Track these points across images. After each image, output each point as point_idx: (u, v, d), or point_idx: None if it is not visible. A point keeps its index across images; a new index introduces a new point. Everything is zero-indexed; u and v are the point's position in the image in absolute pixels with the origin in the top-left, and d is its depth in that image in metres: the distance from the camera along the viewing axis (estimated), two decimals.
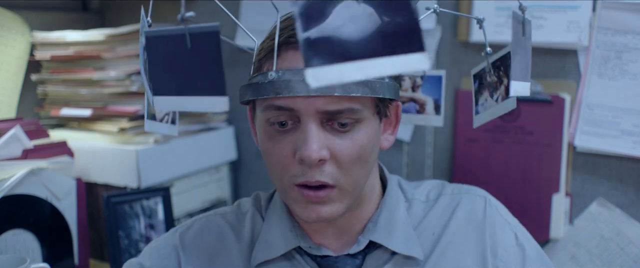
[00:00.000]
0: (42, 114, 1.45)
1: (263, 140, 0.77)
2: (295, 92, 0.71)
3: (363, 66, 0.51)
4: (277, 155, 0.75)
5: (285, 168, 0.75)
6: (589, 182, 1.18)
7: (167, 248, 0.88)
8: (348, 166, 0.75)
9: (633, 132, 1.12)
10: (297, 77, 0.71)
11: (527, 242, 0.89)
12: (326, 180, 0.74)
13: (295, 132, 0.74)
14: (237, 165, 1.55)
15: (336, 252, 0.83)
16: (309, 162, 0.72)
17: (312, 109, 0.72)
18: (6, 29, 1.37)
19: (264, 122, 0.76)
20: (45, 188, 1.18)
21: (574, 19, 1.14)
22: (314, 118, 0.72)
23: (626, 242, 1.15)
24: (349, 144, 0.74)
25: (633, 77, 1.11)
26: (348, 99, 0.73)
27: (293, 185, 0.75)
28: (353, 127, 0.75)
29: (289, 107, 0.72)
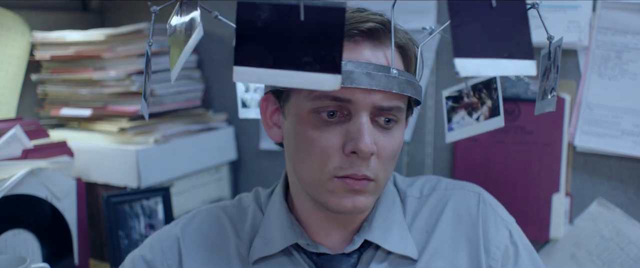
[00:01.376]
0: (42, 114, 1.45)
1: (303, 130, 0.76)
2: (358, 84, 0.71)
3: (496, 64, 0.55)
4: (323, 145, 0.74)
5: (329, 159, 0.74)
6: (589, 182, 1.18)
7: (169, 240, 0.88)
8: (387, 162, 0.76)
9: (633, 132, 1.12)
10: (360, 69, 0.72)
11: (521, 240, 0.88)
12: (369, 175, 0.74)
13: (345, 123, 0.74)
14: (237, 165, 1.55)
15: (333, 250, 0.84)
16: (363, 155, 0.72)
17: (370, 102, 0.73)
18: (6, 29, 1.37)
19: (309, 111, 0.75)
20: (45, 188, 1.18)
21: (574, 18, 1.14)
22: (368, 112, 0.73)
23: (626, 242, 1.15)
24: (390, 141, 0.76)
25: (633, 77, 1.11)
26: (399, 97, 0.75)
27: (333, 177, 0.75)
28: (394, 125, 0.77)
29: (347, 98, 0.72)
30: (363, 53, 0.74)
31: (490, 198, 0.91)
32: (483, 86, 0.90)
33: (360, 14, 0.76)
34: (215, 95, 1.54)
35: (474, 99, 0.91)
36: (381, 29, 0.75)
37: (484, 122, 0.89)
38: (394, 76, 0.73)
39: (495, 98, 0.88)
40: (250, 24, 0.54)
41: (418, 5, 1.27)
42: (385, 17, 0.77)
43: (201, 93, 1.50)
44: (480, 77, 0.90)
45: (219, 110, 1.54)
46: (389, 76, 0.73)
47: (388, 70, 0.73)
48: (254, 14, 0.54)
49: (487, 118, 0.89)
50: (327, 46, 0.54)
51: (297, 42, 0.54)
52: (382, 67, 0.73)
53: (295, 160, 0.78)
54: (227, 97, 1.53)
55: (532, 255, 0.88)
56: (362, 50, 0.74)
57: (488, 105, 0.89)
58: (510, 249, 0.86)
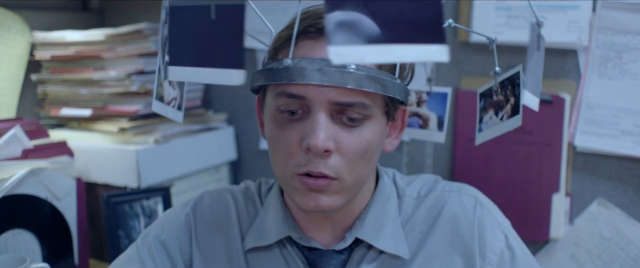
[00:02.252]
0: (42, 114, 1.45)
1: (271, 128, 0.78)
2: (309, 80, 0.71)
3: (385, 50, 0.52)
4: (284, 143, 0.75)
5: (290, 157, 0.75)
6: (589, 182, 1.18)
7: (180, 220, 0.91)
8: (352, 161, 0.75)
9: (633, 132, 1.12)
10: (313, 65, 0.72)
11: (518, 244, 0.87)
12: (328, 173, 0.74)
13: (304, 121, 0.74)
14: (237, 165, 1.55)
15: (325, 246, 0.84)
16: (315, 151, 0.72)
17: (324, 98, 0.72)
18: (6, 29, 1.37)
19: (274, 109, 0.76)
20: (45, 188, 1.18)
21: (574, 18, 1.14)
22: (325, 108, 0.73)
23: (626, 242, 1.15)
24: (356, 139, 0.75)
25: (633, 77, 1.11)
26: (360, 93, 0.73)
27: (295, 174, 0.75)
28: (361, 123, 0.75)
29: (301, 95, 0.73)
30: (321, 50, 0.74)
31: (487, 201, 0.90)
32: (508, 82, 0.85)
33: (321, 11, 0.75)
34: (215, 95, 1.54)
35: (500, 97, 0.86)
36: None
37: (504, 122, 0.85)
38: (351, 71, 0.71)
39: (517, 95, 0.83)
40: (179, 26, 0.59)
41: None
42: None
43: (201, 93, 1.50)
44: (507, 72, 0.85)
45: (219, 110, 1.54)
46: (344, 71, 0.71)
47: (344, 65, 0.72)
48: (181, 16, 0.59)
49: (510, 117, 0.84)
50: (231, 42, 0.58)
51: (210, 40, 0.58)
52: None
53: (270, 157, 0.81)
54: (227, 97, 1.53)
55: (529, 258, 0.88)
56: (320, 47, 0.74)
57: (511, 102, 0.84)
58: (506, 253, 0.85)
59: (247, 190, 0.94)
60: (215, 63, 0.58)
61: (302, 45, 0.75)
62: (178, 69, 0.59)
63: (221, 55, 0.58)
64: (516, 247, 0.87)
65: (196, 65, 0.59)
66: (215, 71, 0.58)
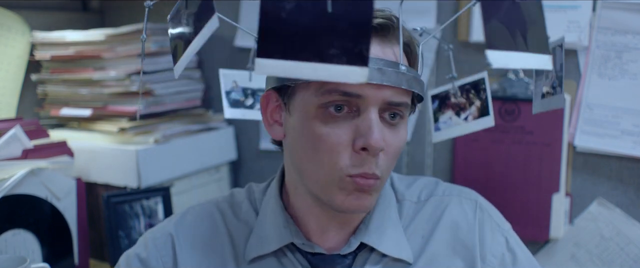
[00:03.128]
0: (42, 114, 1.45)
1: (311, 126, 0.74)
2: (369, 79, 0.70)
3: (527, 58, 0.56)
4: (332, 141, 0.73)
5: (338, 156, 0.73)
6: (589, 182, 1.18)
7: (163, 237, 0.88)
8: (392, 159, 0.76)
9: (633, 132, 1.12)
10: (372, 64, 0.71)
11: (519, 247, 0.87)
12: (378, 172, 0.74)
13: (353, 119, 0.73)
14: (237, 165, 1.55)
15: (329, 250, 0.83)
16: (373, 151, 0.72)
17: (381, 98, 0.72)
18: (6, 29, 1.37)
19: (317, 106, 0.74)
20: (45, 188, 1.18)
21: (574, 18, 1.13)
22: (377, 108, 0.73)
23: (626, 242, 1.15)
24: (397, 138, 0.76)
25: (633, 77, 1.11)
26: (406, 93, 0.75)
27: (345, 175, 0.74)
28: (399, 121, 0.77)
29: (357, 93, 0.72)
30: (372, 49, 0.73)
31: (487, 205, 0.90)
32: (471, 87, 0.91)
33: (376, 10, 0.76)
34: (215, 95, 1.54)
35: (461, 100, 0.92)
36: (389, 25, 0.75)
37: (473, 121, 0.91)
38: (403, 72, 0.73)
39: (484, 98, 0.89)
40: (275, 15, 0.52)
41: (418, 5, 1.27)
42: (392, 14, 0.77)
43: (201, 93, 1.50)
44: (469, 78, 0.92)
45: (219, 110, 1.54)
46: (399, 72, 0.73)
47: (397, 66, 0.73)
48: (278, 4, 0.52)
49: (476, 118, 0.90)
50: (355, 38, 0.52)
51: (324, 34, 0.53)
52: (391, 63, 0.73)
53: (301, 158, 0.77)
54: None
55: (531, 261, 0.87)
56: (371, 47, 0.74)
57: (477, 105, 0.90)
58: (507, 256, 0.85)
59: (233, 198, 0.91)
60: (330, 58, 0.53)
61: None
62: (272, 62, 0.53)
63: (339, 50, 0.53)
64: (518, 249, 0.87)
65: (301, 59, 0.53)
66: (331, 67, 0.53)
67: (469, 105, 0.91)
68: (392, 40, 0.76)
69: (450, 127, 0.93)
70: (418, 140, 1.32)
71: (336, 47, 0.52)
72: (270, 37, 0.52)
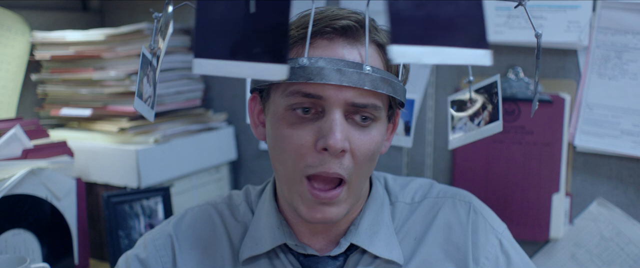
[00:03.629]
0: (42, 114, 1.45)
1: (278, 127, 0.76)
2: (328, 80, 0.71)
3: (437, 52, 0.54)
4: (295, 142, 0.74)
5: (301, 157, 0.74)
6: (589, 182, 1.18)
7: (162, 238, 0.88)
8: (361, 161, 0.75)
9: (633, 132, 1.12)
10: (331, 65, 0.72)
11: (513, 249, 0.87)
12: (342, 173, 0.74)
13: (318, 120, 0.74)
14: (237, 165, 1.55)
15: (320, 252, 0.84)
16: (333, 151, 0.72)
17: (342, 99, 0.72)
18: (6, 29, 1.37)
19: (284, 108, 0.75)
20: (45, 188, 1.18)
21: (574, 18, 1.13)
22: (341, 108, 0.73)
23: (626, 241, 1.15)
24: (366, 139, 0.75)
25: (633, 77, 1.11)
26: (374, 94, 0.74)
27: (304, 177, 0.74)
28: (371, 124, 0.76)
29: (318, 94, 0.72)
30: (337, 50, 0.74)
31: (482, 206, 0.90)
32: (484, 90, 0.89)
33: (338, 12, 0.76)
34: (215, 95, 1.54)
35: (476, 104, 0.91)
36: (355, 27, 0.75)
37: (484, 127, 0.89)
38: (367, 73, 0.72)
39: (495, 102, 0.87)
40: (208, 17, 0.56)
41: None
42: (362, 16, 0.76)
43: (201, 93, 1.50)
44: (484, 81, 0.89)
45: (219, 110, 1.54)
46: (361, 73, 0.72)
47: (361, 67, 0.72)
48: (211, 7, 0.56)
49: (487, 123, 0.88)
50: (274, 37, 0.56)
51: (248, 34, 0.56)
52: (354, 64, 0.73)
53: (273, 158, 0.79)
54: (227, 97, 1.53)
55: (526, 262, 0.87)
56: (336, 48, 0.74)
57: (488, 109, 0.88)
58: (501, 259, 0.85)
59: (231, 200, 0.92)
60: (254, 57, 0.56)
61: (316, 45, 0.74)
62: (206, 62, 0.56)
63: (261, 49, 0.56)
64: (512, 252, 0.86)
65: (231, 58, 0.56)
66: (254, 65, 0.56)
67: (482, 110, 0.89)
68: (362, 42, 0.75)
69: (465, 132, 0.92)
70: (418, 140, 1.32)
71: (259, 46, 0.56)
72: (205, 37, 0.56)
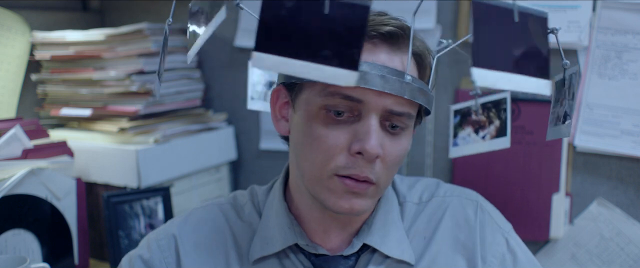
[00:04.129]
0: (42, 114, 1.45)
1: (312, 125, 0.75)
2: (371, 85, 0.71)
3: (511, 79, 0.56)
4: (329, 142, 0.74)
5: (332, 157, 0.74)
6: (589, 182, 1.18)
7: (166, 238, 0.88)
8: (390, 167, 0.76)
9: (633, 132, 1.12)
10: (375, 71, 0.72)
11: (519, 248, 0.88)
12: (372, 178, 0.74)
13: (353, 123, 0.74)
14: (237, 165, 1.55)
15: (332, 251, 0.84)
16: (368, 157, 0.72)
17: (381, 105, 0.73)
18: (6, 29, 1.37)
19: (319, 107, 0.75)
20: (45, 188, 1.18)
21: (574, 18, 1.14)
22: (378, 114, 0.73)
23: (626, 241, 1.15)
24: (397, 147, 0.76)
25: (633, 77, 1.11)
26: (410, 104, 0.75)
27: (334, 175, 0.75)
28: (402, 132, 0.77)
29: (358, 98, 0.72)
30: (379, 56, 0.74)
31: (488, 205, 0.90)
32: (493, 105, 0.90)
33: (380, 17, 0.76)
34: (215, 95, 1.54)
35: (482, 117, 0.91)
36: (400, 34, 0.75)
37: (490, 141, 0.89)
38: (408, 82, 0.73)
39: (503, 118, 0.88)
40: (274, 12, 0.54)
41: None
42: (404, 23, 0.77)
43: (201, 93, 1.50)
44: (492, 96, 0.90)
45: (219, 110, 1.54)
46: (403, 81, 0.73)
47: (402, 75, 0.73)
48: (279, 2, 0.54)
49: (494, 137, 0.89)
50: (348, 41, 0.54)
51: (319, 35, 0.54)
52: (396, 72, 0.73)
53: (300, 155, 0.78)
54: (227, 97, 1.53)
55: (532, 262, 0.88)
56: (379, 53, 0.74)
57: (496, 124, 0.89)
58: (508, 257, 0.86)
59: (236, 200, 0.92)
60: (323, 59, 0.54)
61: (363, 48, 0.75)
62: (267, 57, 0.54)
63: (332, 52, 0.54)
64: (518, 250, 0.87)
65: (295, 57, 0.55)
66: (323, 68, 0.54)
67: (488, 124, 0.90)
68: (402, 49, 0.76)
69: (468, 144, 0.92)
70: (418, 140, 1.32)
71: (329, 49, 0.54)
72: (269, 32, 0.54)
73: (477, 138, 0.91)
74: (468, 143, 0.92)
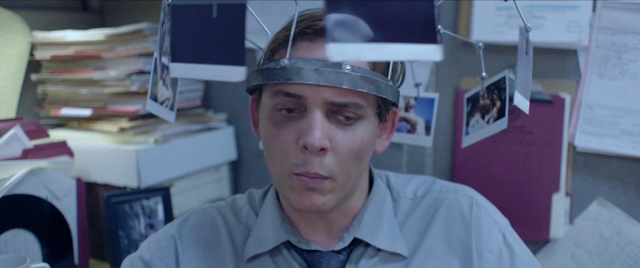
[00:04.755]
0: (42, 114, 1.45)
1: (267, 126, 0.78)
2: (306, 80, 0.72)
3: (380, 49, 0.55)
4: (280, 141, 0.76)
5: (286, 156, 0.76)
6: (589, 182, 1.18)
7: (166, 240, 0.90)
8: (345, 159, 0.76)
9: (633, 132, 1.12)
10: (309, 65, 0.73)
11: (516, 242, 0.88)
12: (323, 173, 0.75)
13: (300, 120, 0.75)
14: (237, 165, 1.55)
15: (324, 247, 0.85)
16: (312, 149, 0.73)
17: (320, 98, 0.74)
18: (6, 29, 1.37)
19: (270, 108, 0.77)
20: (45, 188, 1.18)
21: (574, 18, 1.14)
22: (321, 108, 0.74)
23: (626, 241, 1.15)
24: (350, 138, 0.76)
25: (633, 77, 1.11)
26: (354, 93, 0.75)
27: (292, 173, 0.76)
28: (355, 123, 0.76)
29: (297, 93, 0.74)
30: (317, 51, 0.75)
31: (484, 201, 0.91)
32: (495, 86, 0.88)
33: (319, 14, 0.77)
34: (215, 95, 1.55)
35: (487, 101, 0.90)
36: None
37: (491, 125, 0.88)
38: (346, 72, 0.73)
39: (503, 98, 0.87)
40: (181, 24, 0.61)
41: None
42: None
43: (201, 93, 1.50)
44: (493, 78, 0.89)
45: (219, 110, 1.54)
46: (340, 72, 0.73)
47: (340, 66, 0.73)
48: (182, 14, 0.61)
49: (496, 119, 0.88)
50: (231, 39, 0.59)
51: (210, 38, 0.60)
52: (333, 64, 0.73)
53: (266, 157, 0.81)
54: (227, 97, 1.53)
55: (529, 257, 0.88)
56: (316, 49, 0.76)
57: (497, 106, 0.88)
58: (505, 252, 0.86)
59: (235, 203, 0.93)
60: (216, 60, 0.60)
61: (299, 46, 0.76)
62: (180, 66, 0.61)
63: (222, 52, 0.59)
64: (515, 245, 0.87)
65: (197, 62, 0.60)
66: (216, 67, 0.60)
67: (492, 107, 0.89)
68: None
69: (476, 130, 0.91)
70: None
71: (218, 49, 0.60)
72: (179, 43, 0.61)
73: (483, 124, 0.90)
74: (476, 129, 0.91)
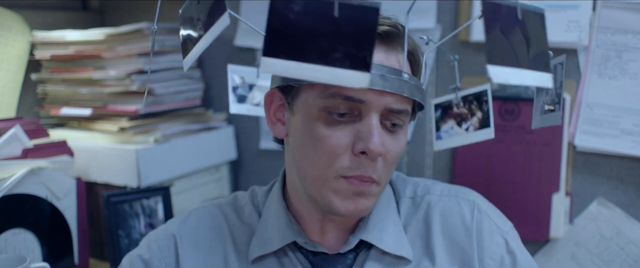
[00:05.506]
0: (42, 114, 1.45)
1: (313, 127, 0.76)
2: (372, 85, 0.71)
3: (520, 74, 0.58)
4: (332, 143, 0.74)
5: (336, 158, 0.74)
6: (589, 182, 1.18)
7: (166, 238, 0.88)
8: (390, 165, 0.77)
9: (633, 132, 1.12)
10: (375, 70, 0.73)
11: (519, 249, 0.86)
12: (375, 177, 0.75)
13: (355, 124, 0.75)
14: (237, 165, 1.55)
15: (330, 249, 0.84)
16: (372, 156, 0.73)
17: (382, 104, 0.74)
18: (6, 29, 1.37)
19: (320, 109, 0.75)
20: (45, 187, 1.18)
21: (574, 18, 1.14)
22: (378, 113, 0.74)
23: (626, 241, 1.15)
24: (396, 144, 0.77)
25: (633, 77, 1.11)
26: (407, 101, 0.76)
27: (340, 176, 0.75)
28: (400, 129, 0.78)
29: (359, 98, 0.73)
30: (376, 56, 0.75)
31: (487, 205, 0.89)
32: (474, 98, 0.92)
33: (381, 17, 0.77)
34: (215, 94, 1.54)
35: (463, 110, 0.94)
36: (394, 33, 0.76)
37: (474, 132, 0.92)
38: (405, 80, 0.74)
39: (485, 110, 0.91)
40: (283, 16, 0.54)
41: (418, 5, 1.27)
42: (397, 22, 0.78)
43: (201, 92, 1.50)
44: (472, 89, 0.93)
45: (219, 109, 1.54)
46: (401, 80, 0.74)
47: (400, 73, 0.74)
48: (287, 5, 0.54)
49: (477, 129, 0.92)
50: (359, 44, 0.54)
51: (329, 38, 0.54)
52: (394, 71, 0.75)
53: (300, 157, 0.78)
54: (227, 97, 1.53)
55: (531, 264, 0.87)
56: (375, 53, 0.75)
57: (478, 116, 0.92)
58: (507, 259, 0.85)
59: (237, 201, 0.92)
60: (334, 62, 0.54)
61: None
62: (276, 62, 0.54)
63: (345, 55, 0.54)
64: (518, 252, 0.86)
65: (305, 61, 0.54)
66: (334, 70, 0.54)
67: (471, 116, 0.93)
68: (396, 48, 0.77)
69: (451, 136, 0.95)
70: (418, 140, 1.32)
71: (340, 51, 0.53)
72: (277, 37, 0.53)
73: (460, 131, 0.94)
74: (451, 136, 0.95)
